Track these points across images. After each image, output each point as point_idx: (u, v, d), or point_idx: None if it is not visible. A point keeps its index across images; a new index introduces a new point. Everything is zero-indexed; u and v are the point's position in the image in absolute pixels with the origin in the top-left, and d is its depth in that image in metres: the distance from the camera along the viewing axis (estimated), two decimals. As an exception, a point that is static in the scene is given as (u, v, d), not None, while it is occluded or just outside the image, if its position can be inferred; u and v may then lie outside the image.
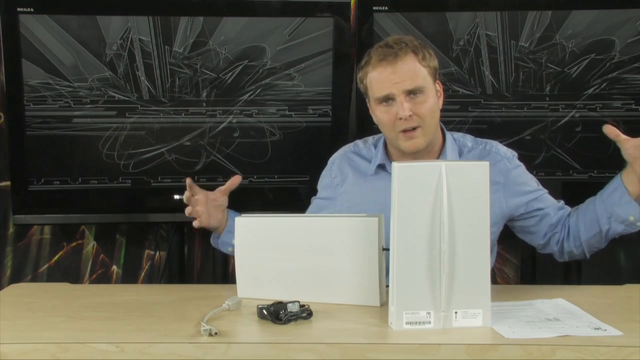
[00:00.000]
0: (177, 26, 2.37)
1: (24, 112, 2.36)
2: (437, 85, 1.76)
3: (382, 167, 1.82)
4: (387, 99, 1.69)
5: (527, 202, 1.79)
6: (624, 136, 1.66)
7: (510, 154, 1.82)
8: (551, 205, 1.82)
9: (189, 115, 2.41)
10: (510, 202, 1.78)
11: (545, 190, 1.84)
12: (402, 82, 1.67)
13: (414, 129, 1.69)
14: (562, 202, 1.85)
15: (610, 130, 1.67)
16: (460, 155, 1.80)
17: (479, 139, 1.85)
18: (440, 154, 1.79)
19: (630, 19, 2.32)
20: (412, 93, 1.68)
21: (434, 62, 1.74)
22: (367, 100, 1.80)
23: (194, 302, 1.53)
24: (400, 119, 1.67)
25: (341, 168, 1.89)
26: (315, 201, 1.95)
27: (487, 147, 1.82)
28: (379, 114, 1.73)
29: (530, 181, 1.82)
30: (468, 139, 1.84)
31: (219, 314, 1.39)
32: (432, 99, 1.71)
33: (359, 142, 1.92)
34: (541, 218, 1.80)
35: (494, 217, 1.54)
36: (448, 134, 1.82)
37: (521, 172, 1.82)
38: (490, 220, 1.31)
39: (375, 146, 1.86)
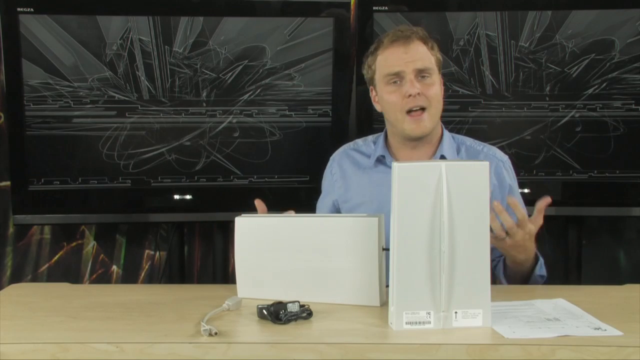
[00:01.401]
0: (177, 26, 2.37)
1: (24, 112, 2.36)
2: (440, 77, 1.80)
3: (381, 160, 1.84)
4: (397, 78, 1.72)
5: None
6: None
7: (506, 158, 1.84)
8: None
9: (189, 115, 2.41)
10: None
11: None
12: (413, 62, 1.71)
13: (421, 109, 1.72)
14: None
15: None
16: (458, 152, 1.83)
17: (477, 141, 1.88)
18: (437, 147, 1.81)
19: (630, 19, 2.33)
20: (421, 74, 1.72)
21: (439, 55, 1.80)
22: (370, 90, 1.82)
23: (194, 302, 1.53)
24: (410, 95, 1.70)
25: (340, 164, 1.92)
26: (318, 205, 1.97)
27: (485, 150, 1.85)
28: (386, 95, 1.75)
29: (518, 195, 1.82)
30: (467, 139, 1.88)
31: (219, 314, 1.39)
32: (439, 86, 1.76)
33: (358, 140, 1.95)
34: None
35: None
36: (446, 130, 1.85)
37: (512, 178, 1.82)
38: None
39: (375, 143, 1.88)
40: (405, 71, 1.71)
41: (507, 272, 1.71)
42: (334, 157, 1.95)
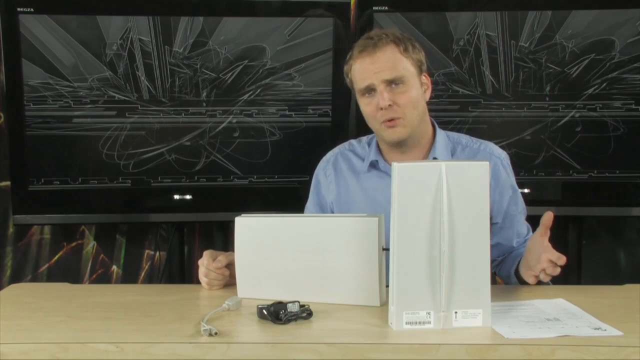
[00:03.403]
0: (177, 26, 2.37)
1: (24, 112, 2.36)
2: (423, 77, 1.74)
3: (374, 165, 1.82)
4: (369, 90, 1.69)
5: (508, 207, 1.78)
6: (547, 242, 1.52)
7: (504, 155, 1.82)
8: (515, 233, 1.78)
9: (189, 115, 2.41)
10: (498, 205, 1.77)
11: (523, 213, 1.82)
12: (381, 72, 1.66)
13: (393, 119, 1.68)
14: (530, 234, 1.82)
15: (547, 223, 1.51)
16: (454, 153, 1.79)
17: (474, 139, 1.84)
18: (430, 150, 1.78)
19: (630, 19, 2.33)
20: (392, 83, 1.67)
21: (419, 55, 1.73)
22: (355, 94, 1.80)
23: (194, 302, 1.53)
24: (381, 109, 1.67)
25: (336, 166, 1.88)
26: (308, 210, 1.93)
27: (482, 147, 1.81)
28: (362, 106, 1.74)
29: (513, 181, 1.81)
30: (463, 138, 1.83)
31: (219, 314, 1.39)
32: (415, 90, 1.70)
33: (352, 141, 1.91)
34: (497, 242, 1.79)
35: None
36: (440, 131, 1.81)
37: (510, 172, 1.81)
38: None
39: (369, 145, 1.86)
40: (375, 83, 1.67)
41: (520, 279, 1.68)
42: (329, 159, 1.90)
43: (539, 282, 1.61)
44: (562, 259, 1.47)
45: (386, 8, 2.39)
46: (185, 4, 2.39)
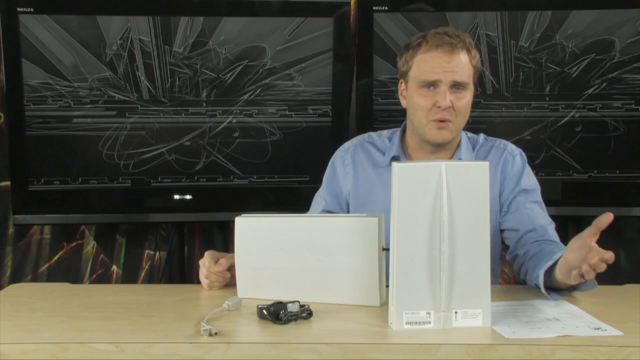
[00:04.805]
0: (177, 26, 2.37)
1: (24, 112, 2.36)
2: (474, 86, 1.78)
3: (396, 159, 1.81)
4: (431, 85, 1.70)
5: (515, 196, 1.77)
6: (594, 243, 1.36)
7: (518, 152, 1.83)
8: (526, 214, 1.75)
9: (189, 115, 2.41)
10: (502, 196, 1.78)
11: (539, 205, 1.78)
12: (452, 73, 1.68)
13: (445, 120, 1.70)
14: (551, 226, 1.77)
15: (602, 225, 1.34)
16: (473, 151, 1.83)
17: (489, 138, 1.87)
18: (455, 151, 1.80)
19: (630, 19, 2.33)
20: (456, 86, 1.69)
21: (479, 65, 1.76)
22: (400, 83, 1.79)
23: (194, 302, 1.53)
24: (439, 107, 1.68)
25: (355, 157, 1.87)
26: (318, 201, 1.90)
27: (496, 144, 1.84)
28: (417, 97, 1.73)
29: (529, 181, 1.81)
30: (481, 137, 1.86)
31: (219, 314, 1.39)
32: (469, 98, 1.73)
33: (372, 133, 1.90)
34: (515, 228, 1.76)
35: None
36: (463, 133, 1.83)
37: (522, 168, 1.81)
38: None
39: (390, 139, 1.86)
40: (442, 81, 1.68)
41: (554, 284, 1.54)
42: (347, 149, 1.89)
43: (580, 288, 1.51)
44: (611, 257, 1.33)
45: (386, 8, 2.40)
46: (185, 4, 2.39)
